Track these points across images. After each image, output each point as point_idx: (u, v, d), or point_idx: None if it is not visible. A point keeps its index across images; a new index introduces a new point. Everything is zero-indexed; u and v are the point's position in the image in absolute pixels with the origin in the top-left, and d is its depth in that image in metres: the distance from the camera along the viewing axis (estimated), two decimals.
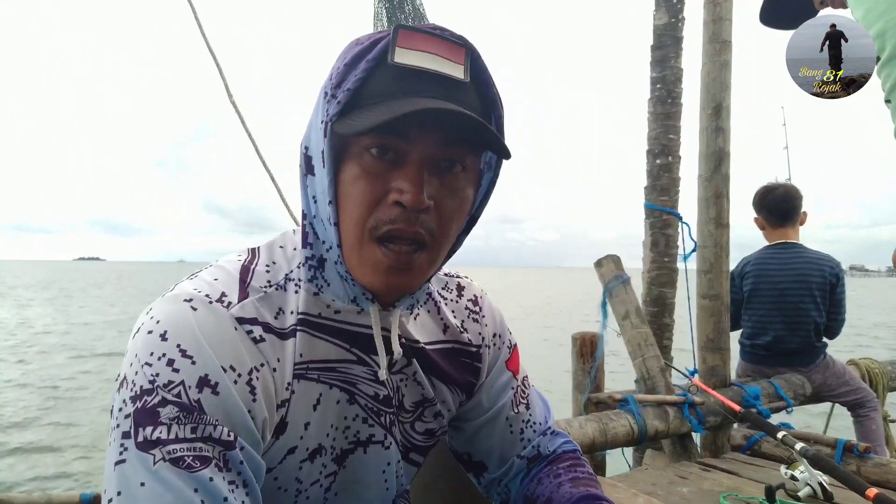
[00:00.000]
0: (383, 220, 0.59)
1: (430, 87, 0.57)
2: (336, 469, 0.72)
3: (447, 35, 0.59)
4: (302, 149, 0.65)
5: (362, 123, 0.55)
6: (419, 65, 0.57)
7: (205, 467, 0.54)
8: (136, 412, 0.55)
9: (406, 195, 0.58)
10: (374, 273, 0.61)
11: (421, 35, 0.58)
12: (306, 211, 0.66)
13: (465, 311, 0.82)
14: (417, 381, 0.75)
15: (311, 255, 0.66)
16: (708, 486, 1.92)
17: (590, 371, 2.78)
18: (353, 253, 0.61)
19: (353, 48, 0.60)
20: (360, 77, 0.57)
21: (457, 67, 0.58)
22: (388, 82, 0.57)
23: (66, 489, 4.41)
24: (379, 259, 0.60)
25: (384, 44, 0.58)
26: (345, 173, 0.60)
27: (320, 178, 0.61)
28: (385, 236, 0.60)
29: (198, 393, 0.56)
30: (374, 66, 0.58)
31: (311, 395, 0.67)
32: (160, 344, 0.57)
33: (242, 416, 0.58)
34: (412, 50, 0.57)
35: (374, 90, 0.57)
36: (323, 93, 0.61)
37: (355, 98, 0.58)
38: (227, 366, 0.58)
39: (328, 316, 0.67)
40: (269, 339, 0.63)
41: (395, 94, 0.57)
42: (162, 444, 0.54)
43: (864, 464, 2.07)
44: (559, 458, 0.85)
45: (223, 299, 0.61)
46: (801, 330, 2.67)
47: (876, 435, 2.61)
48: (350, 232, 0.61)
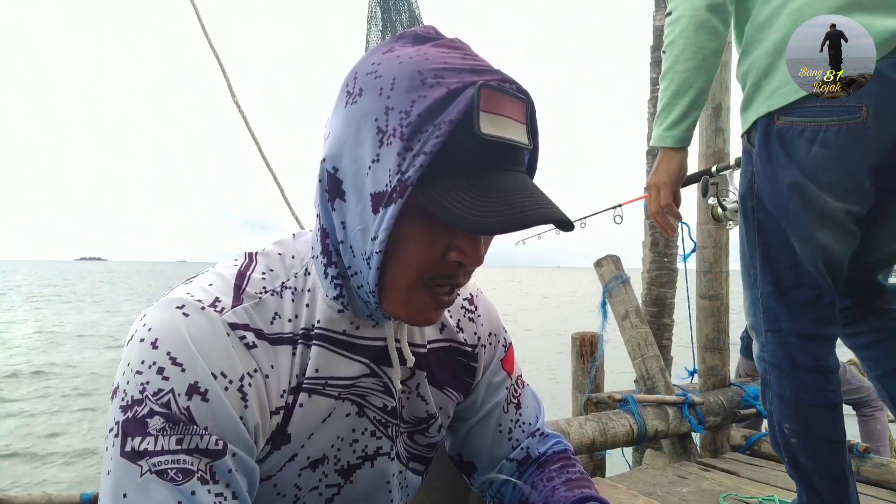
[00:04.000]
0: (440, 274, 0.60)
1: (511, 157, 0.57)
2: (341, 482, 0.71)
3: (515, 90, 0.57)
4: (328, 167, 0.60)
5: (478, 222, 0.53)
6: (503, 136, 0.55)
7: (187, 480, 0.54)
8: (125, 422, 0.55)
9: (470, 258, 0.59)
10: (417, 312, 0.62)
11: (501, 96, 0.55)
12: (329, 229, 0.63)
13: (460, 309, 0.82)
14: (421, 395, 0.75)
15: (337, 274, 0.64)
16: (707, 486, 1.92)
17: (590, 371, 2.78)
18: (398, 294, 0.61)
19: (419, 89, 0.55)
20: (441, 140, 0.53)
21: (523, 129, 0.58)
22: (473, 153, 0.55)
23: (66, 489, 4.41)
24: (427, 303, 0.62)
25: (466, 102, 0.53)
26: (403, 226, 0.57)
27: (359, 215, 0.58)
28: (439, 286, 0.61)
29: (187, 400, 0.56)
30: (455, 130, 0.53)
31: (323, 409, 0.66)
32: (151, 352, 0.56)
33: (233, 422, 0.58)
34: (494, 115, 0.55)
35: (457, 158, 0.54)
36: (376, 128, 0.55)
37: (434, 160, 0.54)
38: (217, 372, 0.57)
39: (351, 332, 0.67)
40: (262, 346, 0.62)
41: (481, 167, 0.55)
42: (149, 455, 0.54)
43: (864, 464, 2.07)
44: (550, 460, 0.85)
45: (216, 304, 0.61)
46: None
47: (880, 434, 2.61)
48: (401, 279, 0.60)
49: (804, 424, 1.12)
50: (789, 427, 1.13)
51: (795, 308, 1.12)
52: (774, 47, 1.10)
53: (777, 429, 1.17)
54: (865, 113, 1.00)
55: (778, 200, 1.11)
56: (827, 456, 1.11)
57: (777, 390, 1.15)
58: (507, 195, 0.55)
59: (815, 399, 1.11)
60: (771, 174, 1.10)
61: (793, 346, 1.12)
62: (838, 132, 1.02)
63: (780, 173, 1.09)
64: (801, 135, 1.06)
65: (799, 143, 1.06)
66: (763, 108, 1.12)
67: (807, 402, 1.11)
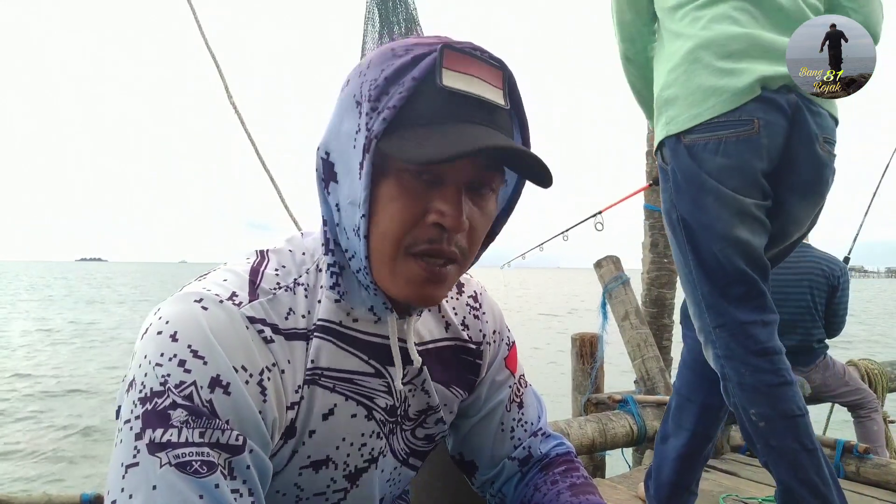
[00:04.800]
0: (421, 239, 0.59)
1: (478, 113, 0.58)
2: (348, 486, 0.71)
3: (486, 57, 0.59)
4: (321, 154, 0.64)
5: (413, 150, 0.55)
6: (468, 90, 0.57)
7: (211, 473, 0.54)
8: (145, 414, 0.54)
9: (447, 218, 0.58)
10: (408, 285, 0.61)
11: (467, 57, 0.58)
12: (327, 218, 0.65)
13: (465, 307, 0.82)
14: (425, 389, 0.75)
15: (334, 262, 0.65)
16: (707, 486, 1.92)
17: (590, 372, 2.79)
18: (385, 266, 0.61)
19: (389, 59, 0.59)
20: (404, 95, 0.56)
21: (498, 92, 0.59)
22: (437, 105, 0.57)
23: (66, 488, 4.41)
24: (416, 273, 0.60)
25: (429, 62, 0.57)
26: (382, 189, 0.59)
27: (348, 189, 0.61)
28: (421, 253, 0.60)
29: (209, 393, 0.55)
30: (419, 86, 0.57)
31: (324, 404, 0.66)
32: (171, 345, 0.56)
33: (254, 416, 0.58)
34: (459, 73, 0.57)
35: (422, 111, 0.57)
36: (355, 102, 0.59)
37: (400, 116, 0.57)
38: (238, 366, 0.57)
39: (348, 324, 0.67)
40: (279, 341, 0.62)
41: (445, 119, 0.57)
42: (171, 447, 0.53)
43: (864, 464, 2.07)
44: (553, 462, 0.85)
45: (234, 298, 0.61)
46: (800, 329, 2.67)
47: (877, 436, 2.61)
48: (384, 246, 0.60)
49: (768, 405, 1.22)
50: (755, 412, 1.22)
51: (734, 301, 1.25)
52: (674, 82, 1.29)
53: (745, 419, 1.25)
54: (757, 125, 1.18)
55: (698, 207, 1.26)
56: (794, 430, 1.21)
57: (737, 380, 1.25)
58: (466, 136, 0.55)
59: (772, 379, 1.23)
60: (687, 185, 1.26)
61: (740, 335, 1.25)
62: (736, 142, 1.19)
63: (695, 182, 1.24)
64: (706, 148, 1.22)
65: (705, 154, 1.22)
66: (669, 130, 1.29)
67: (765, 384, 1.23)
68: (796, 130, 1.20)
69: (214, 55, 2.21)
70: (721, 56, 1.22)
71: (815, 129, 1.21)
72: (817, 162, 1.23)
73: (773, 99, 1.18)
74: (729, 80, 1.20)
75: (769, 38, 1.22)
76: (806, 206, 1.28)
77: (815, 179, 1.24)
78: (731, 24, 1.23)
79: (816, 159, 1.22)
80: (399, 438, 0.75)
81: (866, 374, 2.90)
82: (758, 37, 1.21)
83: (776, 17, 1.24)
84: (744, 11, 1.24)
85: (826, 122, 1.24)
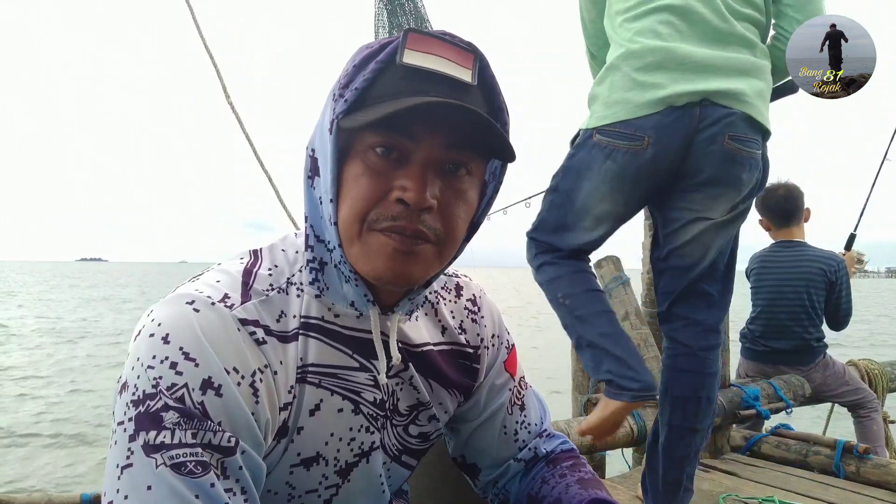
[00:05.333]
0: (384, 216, 0.59)
1: (439, 88, 0.58)
2: (339, 482, 0.71)
3: (456, 41, 0.60)
4: (308, 151, 0.65)
5: (366, 117, 0.56)
6: (427, 66, 0.58)
7: (206, 473, 0.54)
8: (138, 416, 0.55)
9: (409, 193, 0.58)
10: (378, 258, 0.60)
11: (430, 38, 0.59)
12: (309, 214, 0.66)
13: (463, 311, 0.82)
14: (413, 385, 0.75)
15: (314, 258, 0.66)
16: (707, 486, 1.92)
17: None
18: (354, 245, 0.61)
19: (362, 52, 0.61)
20: (368, 77, 0.58)
21: (465, 71, 0.59)
22: (396, 82, 0.58)
23: (66, 489, 4.40)
24: (383, 243, 0.60)
25: (393, 46, 0.59)
26: (348, 171, 0.60)
27: (325, 178, 0.62)
28: (385, 229, 0.59)
29: (201, 395, 0.56)
30: (382, 67, 0.59)
31: (310, 400, 0.66)
32: (162, 347, 0.56)
33: (246, 417, 0.58)
34: (421, 52, 0.58)
35: (382, 90, 0.58)
36: (331, 94, 0.62)
37: (363, 97, 0.59)
38: (230, 367, 0.58)
39: (329, 319, 0.67)
40: (271, 342, 0.62)
41: (403, 93, 0.57)
42: (165, 448, 0.54)
43: (864, 465, 2.06)
44: (560, 458, 0.85)
45: (226, 300, 0.61)
46: (798, 328, 2.67)
47: (876, 436, 2.61)
48: (349, 226, 0.60)
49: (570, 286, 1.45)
50: (562, 294, 1.45)
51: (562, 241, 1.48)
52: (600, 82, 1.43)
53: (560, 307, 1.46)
54: (647, 142, 1.34)
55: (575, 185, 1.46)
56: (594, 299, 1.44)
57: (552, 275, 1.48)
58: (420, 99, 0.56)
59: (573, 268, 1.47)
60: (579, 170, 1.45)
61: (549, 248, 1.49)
62: (625, 153, 1.36)
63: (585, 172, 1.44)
64: (603, 150, 1.39)
65: (601, 155, 1.39)
66: (588, 123, 1.43)
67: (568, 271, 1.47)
68: (698, 137, 1.33)
69: (213, 56, 2.21)
70: (636, 68, 1.34)
71: (718, 130, 1.31)
72: (720, 158, 1.34)
73: (673, 117, 1.31)
74: (635, 94, 1.33)
75: (686, 51, 1.32)
76: (716, 195, 1.39)
77: (722, 173, 1.36)
78: (653, 37, 1.34)
79: (720, 155, 1.33)
80: (390, 434, 0.75)
81: (866, 374, 2.90)
82: (674, 50, 1.32)
83: (701, 29, 1.34)
84: (668, 24, 1.34)
85: (737, 124, 1.32)
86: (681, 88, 1.30)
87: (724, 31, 1.33)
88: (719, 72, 1.31)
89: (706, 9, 1.33)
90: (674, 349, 1.50)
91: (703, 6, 1.34)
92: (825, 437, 2.29)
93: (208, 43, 2.20)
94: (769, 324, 2.73)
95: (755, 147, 1.36)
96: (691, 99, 1.31)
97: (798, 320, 2.67)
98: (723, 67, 1.31)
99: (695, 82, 1.30)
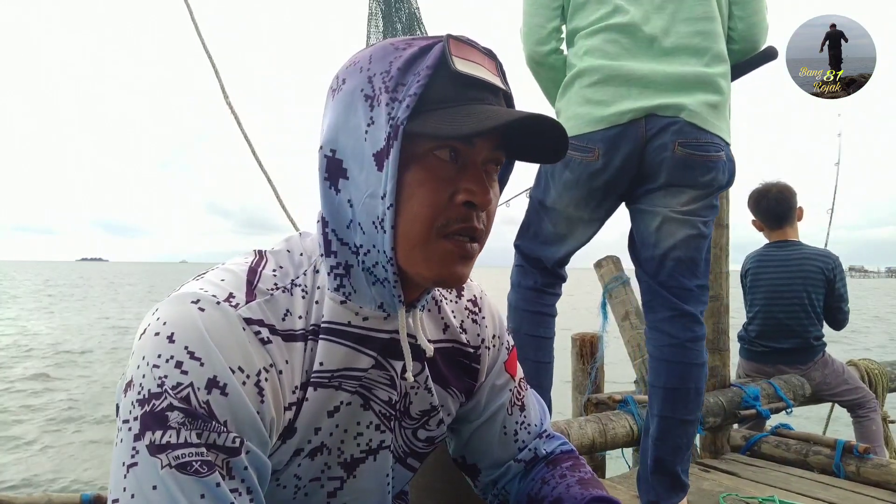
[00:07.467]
0: (453, 219, 0.61)
1: (486, 95, 0.62)
2: (344, 475, 0.71)
3: (479, 46, 0.64)
4: (326, 152, 0.64)
5: (457, 128, 0.57)
6: (478, 75, 0.61)
7: (211, 472, 0.54)
8: (143, 415, 0.55)
9: (477, 195, 0.61)
10: (444, 264, 0.62)
11: (468, 46, 0.62)
12: (329, 217, 0.65)
13: (464, 311, 0.82)
14: (428, 388, 0.75)
15: (337, 264, 0.65)
16: (707, 486, 1.92)
17: (590, 372, 2.79)
18: (416, 250, 0.62)
19: (393, 53, 0.62)
20: (423, 83, 0.59)
21: (496, 77, 0.64)
22: (451, 89, 0.60)
23: (66, 489, 4.40)
24: (450, 251, 0.62)
25: (439, 51, 0.60)
26: (407, 176, 0.60)
27: (364, 182, 0.61)
28: (454, 232, 0.62)
29: (206, 394, 0.56)
30: (433, 73, 0.60)
31: (330, 403, 0.66)
32: (168, 346, 0.56)
33: (251, 417, 0.58)
34: (463, 59, 0.61)
35: (438, 96, 0.60)
36: (363, 97, 0.61)
37: (419, 103, 0.60)
38: (235, 367, 0.58)
39: (357, 324, 0.67)
40: (276, 342, 0.62)
41: (460, 100, 0.60)
42: (170, 448, 0.54)
43: (864, 464, 2.06)
44: (560, 459, 0.85)
45: (231, 299, 0.61)
46: (797, 327, 2.67)
47: (876, 436, 2.61)
48: (415, 232, 0.61)
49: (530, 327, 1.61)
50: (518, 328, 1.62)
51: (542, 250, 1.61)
52: (560, 97, 1.55)
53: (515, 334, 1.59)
54: (597, 154, 1.45)
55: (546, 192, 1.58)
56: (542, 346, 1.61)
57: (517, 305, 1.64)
58: (490, 113, 0.59)
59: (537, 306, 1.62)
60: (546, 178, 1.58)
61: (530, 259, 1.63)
62: (580, 163, 1.47)
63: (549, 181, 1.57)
64: (562, 160, 1.42)
65: (560, 165, 1.51)
66: None
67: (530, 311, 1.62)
68: (650, 145, 1.42)
69: (212, 57, 2.21)
70: (586, 85, 1.45)
71: (667, 139, 1.40)
72: (673, 164, 1.42)
73: (618, 130, 1.42)
74: (585, 110, 1.44)
75: (630, 68, 1.41)
76: (677, 193, 1.47)
77: (678, 177, 1.44)
78: (601, 56, 1.43)
79: (672, 161, 1.42)
80: (398, 436, 0.75)
81: (866, 373, 2.90)
82: (619, 68, 1.41)
83: (646, 45, 1.42)
84: (615, 43, 1.43)
85: (685, 131, 1.40)
86: (625, 106, 1.40)
87: (669, 45, 1.41)
88: (661, 87, 1.40)
89: (652, 24, 1.42)
90: (660, 340, 1.53)
91: (648, 22, 1.42)
92: (825, 437, 2.29)
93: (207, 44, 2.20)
94: (768, 324, 2.73)
95: (711, 150, 1.42)
96: (635, 115, 1.40)
97: (797, 319, 2.67)
98: (664, 83, 1.40)
99: (638, 99, 1.40)
